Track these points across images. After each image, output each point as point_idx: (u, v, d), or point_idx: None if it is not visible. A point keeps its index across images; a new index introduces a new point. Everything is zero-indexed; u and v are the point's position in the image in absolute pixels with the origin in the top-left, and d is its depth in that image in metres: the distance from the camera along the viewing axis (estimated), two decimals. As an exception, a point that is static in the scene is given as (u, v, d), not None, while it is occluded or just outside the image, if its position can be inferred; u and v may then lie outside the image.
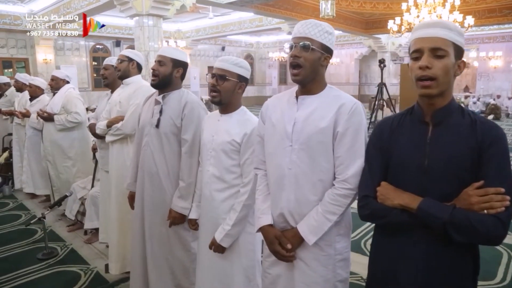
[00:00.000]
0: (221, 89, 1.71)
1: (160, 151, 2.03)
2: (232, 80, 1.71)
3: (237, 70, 1.72)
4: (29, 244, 3.31)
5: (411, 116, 1.22)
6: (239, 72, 1.72)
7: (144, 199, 2.10)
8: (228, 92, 1.72)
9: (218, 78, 1.71)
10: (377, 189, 1.20)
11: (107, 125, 2.51)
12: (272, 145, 1.46)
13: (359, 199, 1.26)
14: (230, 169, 1.72)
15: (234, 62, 1.72)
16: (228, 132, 1.72)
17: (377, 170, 1.23)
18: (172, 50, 2.09)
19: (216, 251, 1.71)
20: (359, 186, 1.29)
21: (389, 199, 1.15)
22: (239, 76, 1.73)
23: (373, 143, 1.28)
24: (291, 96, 1.47)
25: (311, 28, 1.36)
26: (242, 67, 1.74)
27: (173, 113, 2.01)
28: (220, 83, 1.71)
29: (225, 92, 1.72)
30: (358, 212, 1.25)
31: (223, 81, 1.70)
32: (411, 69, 1.15)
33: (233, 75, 1.71)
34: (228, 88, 1.71)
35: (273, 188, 1.46)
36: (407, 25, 9.43)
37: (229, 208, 1.72)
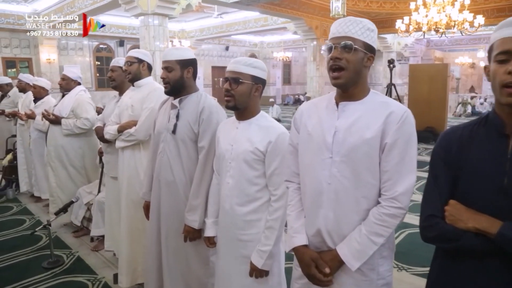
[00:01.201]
0: (235, 93, 1.58)
1: (177, 158, 1.90)
2: (246, 82, 1.58)
3: (251, 71, 1.59)
4: (34, 251, 3.19)
5: (486, 127, 1.07)
6: (253, 73, 1.59)
7: (160, 209, 1.97)
8: (243, 96, 1.59)
9: (231, 82, 1.58)
10: (445, 209, 1.05)
11: (119, 130, 2.37)
12: (308, 156, 1.33)
13: (424, 219, 1.11)
14: (253, 180, 1.58)
15: (247, 62, 1.59)
16: (249, 141, 1.58)
17: (444, 186, 1.08)
18: (175, 51, 1.95)
19: (259, 276, 1.56)
20: (422, 204, 1.14)
21: (462, 221, 1.01)
22: (254, 78, 1.60)
23: (440, 156, 1.12)
24: (329, 102, 1.33)
25: (351, 26, 1.22)
26: (256, 67, 1.60)
27: (191, 118, 1.88)
28: (234, 87, 1.58)
29: (239, 96, 1.58)
30: (422, 232, 1.11)
31: (237, 84, 1.57)
32: (495, 74, 1.00)
33: (247, 77, 1.58)
34: (242, 91, 1.58)
35: (309, 204, 1.32)
36: (416, 25, 9.28)
37: (251, 223, 1.59)
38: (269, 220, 1.55)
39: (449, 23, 8.88)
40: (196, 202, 1.83)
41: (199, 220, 1.82)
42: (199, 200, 1.82)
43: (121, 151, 2.43)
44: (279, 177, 1.54)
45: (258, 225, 1.59)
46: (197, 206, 1.83)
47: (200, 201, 1.82)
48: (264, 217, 1.59)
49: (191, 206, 1.84)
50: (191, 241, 1.87)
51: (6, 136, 5.25)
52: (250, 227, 1.59)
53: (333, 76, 1.25)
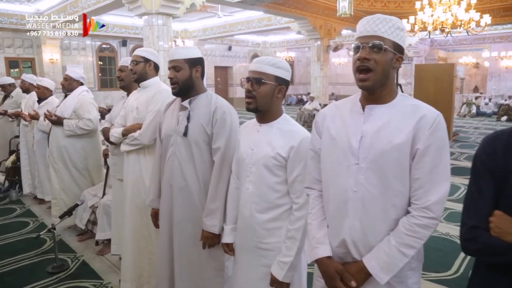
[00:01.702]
0: (257, 95, 1.51)
1: (190, 162, 1.82)
2: (269, 83, 1.51)
3: (275, 72, 1.52)
4: (38, 255, 3.13)
5: None
6: (277, 73, 1.52)
7: (173, 216, 1.89)
8: (266, 98, 1.52)
9: (253, 82, 1.51)
10: (490, 220, 0.98)
11: (123, 133, 2.30)
12: (331, 162, 1.25)
13: (466, 230, 1.03)
14: (274, 187, 1.51)
15: (270, 62, 1.52)
16: (270, 145, 1.51)
17: (488, 195, 1.01)
18: (182, 50, 1.87)
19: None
20: (464, 214, 1.06)
21: (510, 234, 0.94)
22: (277, 78, 1.53)
23: (483, 162, 1.04)
24: (354, 105, 1.25)
25: (380, 24, 1.15)
26: (280, 67, 1.53)
27: (203, 119, 1.81)
28: (256, 88, 1.51)
29: (261, 98, 1.52)
30: (463, 245, 1.04)
31: (259, 85, 1.50)
32: None
33: (270, 78, 1.51)
34: (265, 92, 1.51)
35: (333, 213, 1.25)
36: (421, 24, 9.20)
37: (272, 232, 1.52)
38: (291, 229, 1.48)
39: (455, 23, 8.79)
40: (214, 205, 1.75)
41: (218, 224, 1.74)
42: (217, 204, 1.75)
43: (126, 154, 2.35)
44: (301, 184, 1.46)
45: (279, 233, 1.52)
46: (215, 210, 1.75)
47: (218, 204, 1.75)
48: (286, 225, 1.51)
49: (209, 210, 1.77)
50: (209, 247, 1.79)
51: (9, 137, 5.19)
52: (271, 236, 1.52)
53: (360, 78, 1.17)
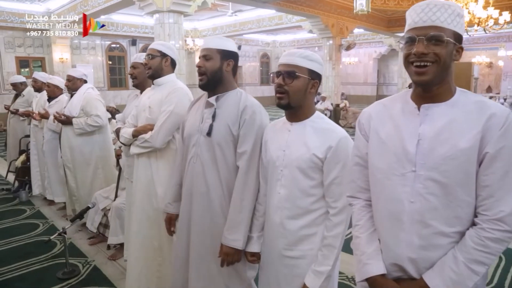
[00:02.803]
0: (290, 90, 1.38)
1: (213, 165, 1.67)
2: (302, 77, 1.38)
3: (308, 65, 1.38)
4: (48, 259, 3.01)
5: None
6: (310, 66, 1.39)
7: (191, 224, 1.74)
8: (299, 93, 1.39)
9: (285, 76, 1.38)
10: None
11: (133, 134, 2.14)
12: (382, 169, 1.10)
13: None
14: (309, 191, 1.37)
15: (303, 54, 1.39)
16: (305, 145, 1.37)
17: None
18: (217, 39, 1.73)
19: None
20: None
21: None
22: (311, 72, 1.39)
23: None
24: (406, 104, 1.10)
25: (439, 12, 0.99)
26: (313, 60, 1.40)
27: (230, 118, 1.65)
28: (288, 82, 1.37)
29: (294, 93, 1.38)
30: None
31: (292, 79, 1.37)
32: None
33: (303, 71, 1.38)
34: (298, 87, 1.38)
35: (385, 226, 1.10)
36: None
37: (305, 239, 1.38)
38: (328, 236, 1.34)
39: (472, 20, 8.55)
40: (239, 217, 1.58)
41: (242, 239, 1.57)
42: (242, 215, 1.58)
43: (136, 157, 2.19)
44: (339, 187, 1.33)
45: (312, 240, 1.38)
46: (239, 223, 1.58)
47: (244, 216, 1.58)
48: (320, 231, 1.38)
49: (233, 222, 1.59)
50: (228, 265, 1.62)
51: (20, 136, 5.12)
52: (303, 243, 1.39)
53: (417, 71, 1.02)
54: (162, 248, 2.17)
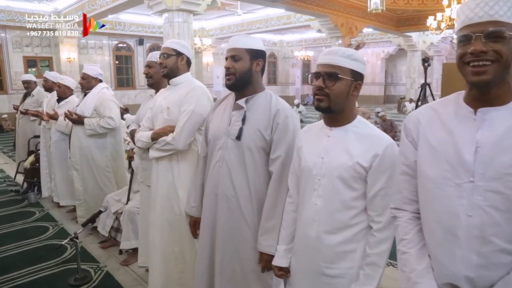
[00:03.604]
0: (331, 93, 1.26)
1: (241, 169, 1.59)
2: (345, 78, 1.26)
3: (351, 65, 1.27)
4: (59, 264, 2.93)
5: None
6: (353, 67, 1.27)
7: (216, 229, 1.66)
8: (341, 96, 1.27)
9: (326, 78, 1.26)
10: None
11: (152, 137, 2.04)
12: (433, 179, 1.00)
13: None
14: (350, 203, 1.26)
15: (345, 54, 1.27)
16: (348, 153, 1.26)
17: None
18: (245, 39, 1.63)
19: None
20: None
21: None
22: (354, 73, 1.28)
23: None
24: (460, 108, 1.00)
25: (497, 5, 0.89)
26: (356, 60, 1.28)
27: (261, 122, 1.57)
28: (329, 84, 1.26)
29: (336, 96, 1.27)
30: None
31: (334, 81, 1.26)
32: None
33: (346, 72, 1.26)
34: (340, 90, 1.26)
35: (438, 242, 0.99)
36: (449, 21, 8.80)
37: (343, 255, 1.27)
38: (371, 254, 1.23)
39: (484, 19, 8.40)
40: (271, 223, 1.52)
41: (275, 245, 1.51)
42: (274, 221, 1.52)
43: (155, 161, 2.10)
44: (384, 200, 1.21)
45: (352, 257, 1.27)
46: (272, 229, 1.52)
47: (275, 222, 1.52)
48: (360, 247, 1.27)
49: (266, 228, 1.54)
50: (267, 270, 1.56)
51: (29, 137, 5.05)
52: (341, 260, 1.27)
53: (476, 71, 0.91)
54: (183, 254, 2.09)
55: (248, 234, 1.60)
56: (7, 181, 5.33)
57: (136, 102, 13.37)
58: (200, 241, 1.77)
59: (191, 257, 2.05)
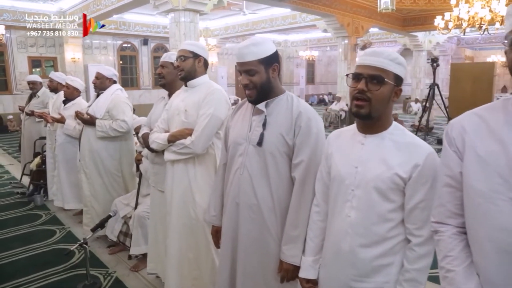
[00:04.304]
0: (373, 97, 1.17)
1: (263, 176, 1.50)
2: (389, 83, 1.18)
3: (396, 69, 1.19)
4: (67, 269, 2.86)
5: None
6: (397, 71, 1.19)
7: (238, 239, 1.58)
8: (383, 102, 1.19)
9: (369, 81, 1.18)
10: None
11: (169, 139, 1.98)
12: (482, 192, 0.92)
13: None
14: (387, 215, 1.18)
15: (391, 56, 1.19)
16: (385, 163, 1.18)
17: None
18: (253, 48, 1.46)
19: None
20: None
21: None
22: (397, 78, 1.19)
23: None
24: (509, 114, 0.92)
25: None
26: (401, 63, 1.20)
27: (283, 126, 1.49)
28: (372, 88, 1.17)
29: (378, 102, 1.18)
30: None
31: (379, 85, 1.17)
32: None
33: (390, 76, 1.18)
34: (383, 95, 1.18)
35: (489, 259, 0.91)
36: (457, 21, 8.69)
37: (379, 270, 1.19)
38: (411, 270, 1.15)
39: (493, 19, 8.30)
40: (295, 232, 1.45)
41: (300, 254, 1.44)
42: (298, 230, 1.44)
43: (170, 164, 2.04)
44: (424, 213, 1.13)
45: (388, 271, 1.19)
46: (296, 238, 1.45)
47: (300, 231, 1.44)
48: (397, 261, 1.19)
49: (289, 237, 1.46)
50: (288, 281, 1.49)
51: (34, 138, 5.00)
52: (377, 274, 1.20)
53: None
54: (198, 260, 2.02)
55: (272, 244, 1.52)
56: (12, 183, 5.27)
57: (141, 102, 13.34)
58: (221, 252, 1.69)
59: (206, 264, 1.99)
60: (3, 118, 11.06)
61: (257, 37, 1.50)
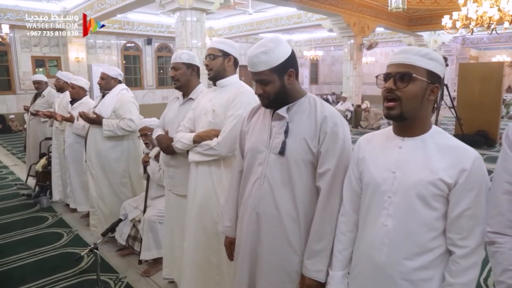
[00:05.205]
0: (402, 95, 1.10)
1: (286, 187, 1.39)
2: (420, 79, 1.10)
3: (428, 65, 1.11)
4: (76, 275, 2.78)
5: None
6: (430, 67, 1.11)
7: (258, 253, 1.47)
8: (414, 100, 1.11)
9: (397, 79, 1.10)
10: None
11: (195, 139, 1.90)
12: None
13: None
14: (429, 224, 1.09)
15: (421, 52, 1.11)
16: (428, 167, 1.09)
17: None
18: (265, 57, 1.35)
19: None
20: None
21: None
22: (430, 74, 1.11)
23: None
24: None
25: None
26: (433, 59, 1.12)
27: (306, 132, 1.37)
28: (401, 86, 1.10)
29: (408, 100, 1.11)
30: None
31: (406, 82, 1.10)
32: None
33: (421, 72, 1.10)
34: (414, 92, 1.10)
35: None
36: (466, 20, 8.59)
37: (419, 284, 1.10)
38: (455, 284, 1.06)
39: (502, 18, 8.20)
40: (320, 246, 1.34)
41: (324, 269, 1.34)
42: (323, 243, 1.34)
43: (194, 166, 1.96)
44: (470, 221, 1.05)
45: (428, 286, 1.11)
46: (321, 252, 1.34)
47: (325, 244, 1.33)
48: (437, 275, 1.10)
49: (313, 251, 1.35)
50: None
51: (40, 139, 4.93)
52: None
53: None
54: (221, 265, 1.93)
55: (295, 260, 1.41)
56: (18, 184, 5.20)
57: (144, 102, 13.26)
58: (238, 266, 1.57)
59: (229, 270, 1.90)
60: (6, 118, 11.00)
61: (268, 40, 1.37)
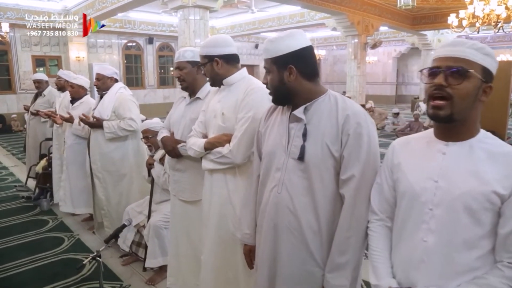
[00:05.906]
0: (455, 94, 0.97)
1: (307, 195, 1.27)
2: (475, 76, 0.97)
3: (484, 61, 0.99)
4: (78, 282, 2.66)
5: None
6: (486, 64, 0.99)
7: (277, 266, 1.35)
8: (467, 99, 0.98)
9: (448, 75, 0.97)
10: None
11: (206, 146, 1.75)
12: None
13: None
14: (475, 242, 0.97)
15: (476, 46, 0.99)
16: (477, 176, 0.97)
17: None
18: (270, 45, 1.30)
19: None
20: None
21: None
22: (485, 72, 0.99)
23: None
24: None
25: None
26: (489, 54, 1.00)
27: (327, 135, 1.24)
28: (453, 82, 0.97)
29: (461, 99, 0.98)
30: None
31: (461, 79, 0.97)
32: None
33: (476, 69, 0.97)
34: (467, 91, 0.97)
35: None
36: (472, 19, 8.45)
37: None
38: None
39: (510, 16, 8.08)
40: (343, 259, 1.22)
41: (348, 284, 1.22)
42: (348, 256, 1.22)
43: (208, 174, 1.81)
44: None
45: None
46: (345, 265, 1.22)
47: (350, 257, 1.22)
48: None
49: (336, 265, 1.24)
50: None
51: (40, 139, 4.81)
52: None
53: None
54: (238, 280, 1.79)
55: (318, 273, 1.30)
56: (17, 186, 5.08)
57: (146, 102, 13.15)
58: (258, 276, 1.46)
59: (247, 286, 1.76)
60: (6, 118, 10.88)
61: (285, 32, 1.31)
